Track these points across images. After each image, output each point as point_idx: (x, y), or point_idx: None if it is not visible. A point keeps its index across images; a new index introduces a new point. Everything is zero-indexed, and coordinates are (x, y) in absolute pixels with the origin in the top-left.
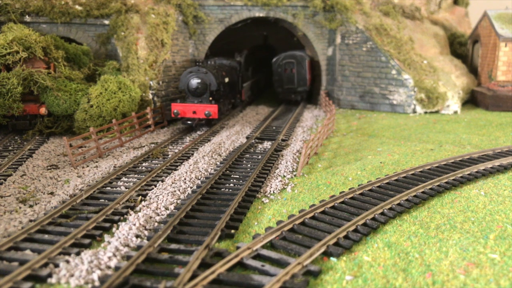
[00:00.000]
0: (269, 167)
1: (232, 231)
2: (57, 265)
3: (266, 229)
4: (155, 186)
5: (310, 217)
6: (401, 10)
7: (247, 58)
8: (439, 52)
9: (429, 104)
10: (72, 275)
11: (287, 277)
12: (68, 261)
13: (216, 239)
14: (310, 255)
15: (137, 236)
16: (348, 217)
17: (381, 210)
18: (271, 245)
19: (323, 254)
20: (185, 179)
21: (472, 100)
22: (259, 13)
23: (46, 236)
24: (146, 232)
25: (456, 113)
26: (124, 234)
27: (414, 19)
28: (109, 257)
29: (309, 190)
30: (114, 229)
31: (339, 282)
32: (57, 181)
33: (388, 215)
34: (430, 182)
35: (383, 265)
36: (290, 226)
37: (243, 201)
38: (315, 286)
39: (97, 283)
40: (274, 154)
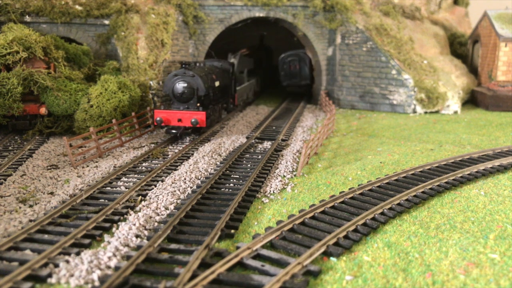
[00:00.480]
0: (269, 167)
1: (232, 231)
2: (57, 265)
3: (266, 229)
4: (155, 186)
5: (310, 217)
6: (401, 10)
7: (242, 60)
8: (439, 52)
9: (429, 104)
10: (72, 275)
11: (287, 277)
12: (68, 261)
13: (216, 239)
14: (310, 255)
15: (137, 236)
16: (348, 217)
17: (381, 210)
18: (271, 245)
19: (323, 254)
20: (185, 179)
21: (472, 100)
22: (259, 13)
23: (46, 236)
24: (146, 232)
25: (456, 113)
26: (124, 234)
27: (414, 19)
28: (109, 257)
29: (309, 190)
30: (114, 229)
31: (339, 282)
32: (57, 181)
33: (388, 215)
34: (430, 182)
35: (383, 265)
36: (290, 226)
37: (243, 201)
38: (315, 286)
39: (97, 283)
40: (274, 154)
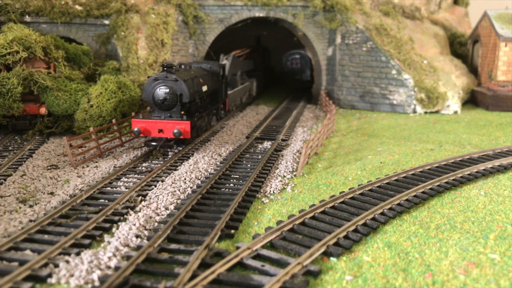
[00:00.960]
0: (269, 167)
1: (232, 231)
2: (57, 265)
3: (266, 229)
4: (155, 186)
5: (310, 217)
6: (401, 10)
7: (235, 61)
8: (439, 52)
9: (429, 104)
10: (72, 275)
11: (287, 277)
12: (68, 261)
13: (216, 239)
14: (310, 255)
15: (137, 236)
16: (348, 217)
17: (381, 210)
18: (271, 245)
19: (323, 254)
20: (185, 179)
21: (472, 100)
22: (259, 13)
23: (46, 236)
24: (146, 232)
25: (456, 113)
26: (124, 234)
27: (414, 19)
28: (109, 257)
29: (309, 190)
30: (114, 229)
31: (339, 282)
32: (57, 181)
33: (388, 215)
34: (430, 182)
35: (383, 265)
36: (290, 226)
37: (243, 201)
38: (315, 286)
39: (97, 283)
40: (274, 154)
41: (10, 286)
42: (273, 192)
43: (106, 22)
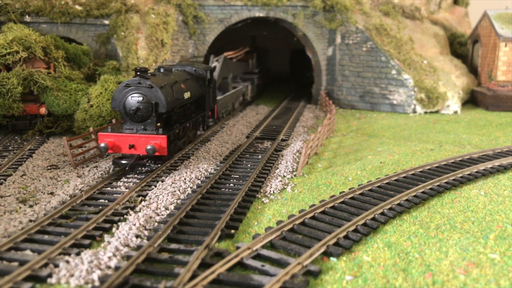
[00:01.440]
0: (269, 167)
1: (232, 231)
2: (57, 265)
3: (266, 229)
4: (155, 186)
5: (310, 217)
6: (401, 10)
7: (227, 63)
8: (439, 52)
9: (429, 104)
10: (72, 275)
11: (287, 277)
12: (68, 261)
13: (216, 239)
14: (310, 255)
15: (137, 236)
16: (348, 217)
17: (381, 210)
18: (271, 245)
19: (323, 254)
20: (185, 179)
21: (472, 100)
22: (259, 13)
23: (46, 236)
24: (146, 232)
25: (456, 113)
26: (124, 234)
27: (414, 19)
28: (109, 257)
29: (309, 190)
30: (114, 229)
31: (339, 282)
32: (57, 181)
33: (388, 215)
34: (430, 182)
35: (383, 265)
36: (290, 226)
37: (243, 201)
38: (315, 286)
39: (97, 283)
40: (274, 154)
41: (10, 286)
42: (273, 192)
43: (106, 22)
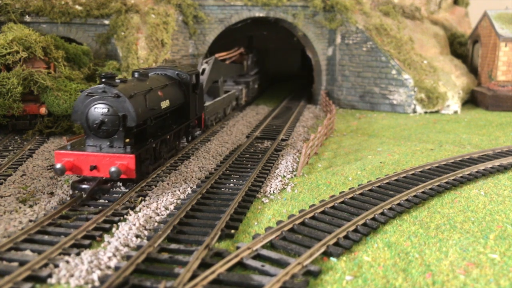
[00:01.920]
0: (269, 167)
1: (232, 231)
2: (57, 266)
3: (266, 229)
4: (155, 186)
5: (310, 217)
6: (401, 10)
7: (218, 66)
8: (439, 52)
9: (429, 104)
10: (72, 275)
11: (287, 277)
12: (68, 261)
13: (216, 239)
14: (310, 255)
15: (137, 236)
16: (348, 217)
17: (381, 210)
18: (271, 245)
19: (323, 254)
20: (185, 179)
21: (472, 100)
22: (259, 13)
23: (46, 237)
24: (146, 232)
25: (456, 113)
26: (124, 234)
27: (414, 19)
28: (109, 257)
29: (309, 190)
30: (114, 229)
31: (339, 282)
32: (57, 181)
33: (388, 215)
34: (430, 182)
35: (383, 265)
36: (290, 226)
37: (243, 201)
38: (315, 286)
39: (97, 283)
40: (274, 153)
41: (10, 286)
42: (273, 192)
43: (106, 22)
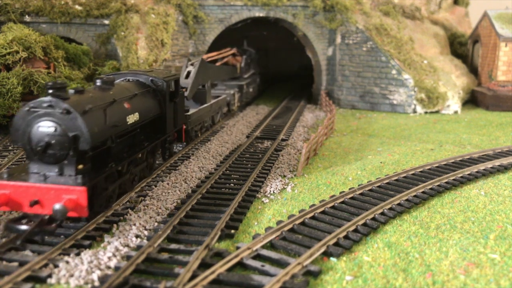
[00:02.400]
0: (269, 166)
1: (232, 231)
2: (57, 266)
3: (266, 229)
4: (155, 186)
5: (310, 217)
6: (401, 10)
7: (205, 68)
8: (439, 52)
9: (429, 104)
10: (72, 275)
11: (287, 277)
12: (68, 262)
13: (216, 239)
14: (310, 255)
15: (137, 236)
16: (348, 217)
17: (381, 210)
18: (271, 245)
19: (323, 254)
20: (185, 179)
21: (472, 100)
22: (259, 13)
23: (46, 237)
24: (146, 232)
25: (456, 113)
26: (124, 234)
27: (414, 19)
28: (109, 257)
29: (309, 190)
30: (114, 229)
31: (339, 282)
32: None
33: (388, 215)
34: (430, 182)
35: (383, 265)
36: (290, 226)
37: (243, 201)
38: (315, 286)
39: (97, 283)
40: (274, 153)
41: (10, 286)
42: (273, 192)
43: (106, 22)
